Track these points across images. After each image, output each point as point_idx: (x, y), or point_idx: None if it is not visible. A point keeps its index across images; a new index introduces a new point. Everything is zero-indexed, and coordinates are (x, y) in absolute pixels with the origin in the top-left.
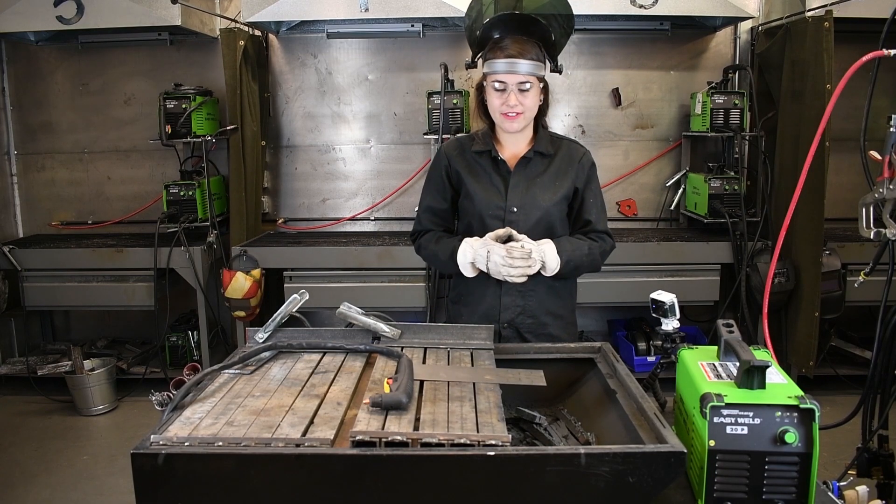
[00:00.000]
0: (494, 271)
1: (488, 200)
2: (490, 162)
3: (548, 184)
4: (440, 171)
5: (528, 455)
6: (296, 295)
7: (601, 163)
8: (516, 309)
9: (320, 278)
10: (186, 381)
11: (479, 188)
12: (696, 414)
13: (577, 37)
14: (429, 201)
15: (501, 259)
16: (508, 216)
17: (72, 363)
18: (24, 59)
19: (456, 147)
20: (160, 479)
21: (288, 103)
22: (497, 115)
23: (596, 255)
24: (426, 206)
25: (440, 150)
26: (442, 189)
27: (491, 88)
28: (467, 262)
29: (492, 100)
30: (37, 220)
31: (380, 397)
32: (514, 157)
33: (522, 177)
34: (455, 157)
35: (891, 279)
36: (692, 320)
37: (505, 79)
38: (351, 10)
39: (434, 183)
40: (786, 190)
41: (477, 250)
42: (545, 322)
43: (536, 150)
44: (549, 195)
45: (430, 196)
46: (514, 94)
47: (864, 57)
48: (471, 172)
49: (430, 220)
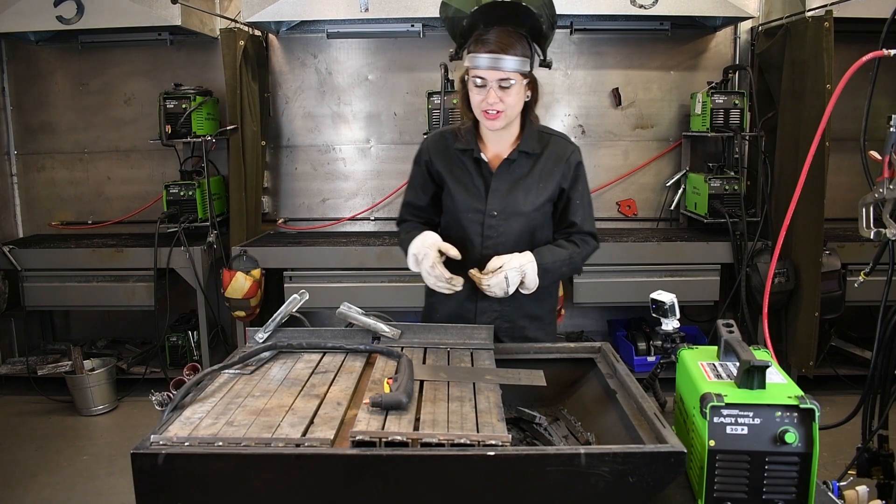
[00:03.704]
0: (423, 275)
1: (467, 203)
2: (472, 162)
3: (531, 186)
4: (421, 168)
5: (528, 455)
6: (296, 295)
7: (601, 163)
8: (493, 314)
9: (320, 278)
10: (186, 381)
11: (459, 189)
12: (696, 414)
13: (577, 37)
14: (409, 197)
15: (429, 268)
16: (488, 220)
17: (72, 363)
18: (24, 59)
19: (438, 142)
20: (160, 479)
21: (288, 103)
22: (478, 112)
23: (577, 261)
24: (406, 202)
25: (423, 145)
26: (423, 185)
27: (472, 84)
28: (412, 253)
29: (473, 96)
30: (37, 220)
31: (380, 397)
32: (498, 157)
33: (505, 180)
34: (436, 154)
35: (891, 279)
36: (692, 320)
37: (485, 75)
38: (351, 10)
39: (415, 178)
40: (786, 190)
41: (421, 248)
42: (522, 325)
43: (521, 150)
44: (532, 199)
45: (411, 191)
46: (495, 91)
47: (864, 57)
48: (452, 171)
49: (411, 214)
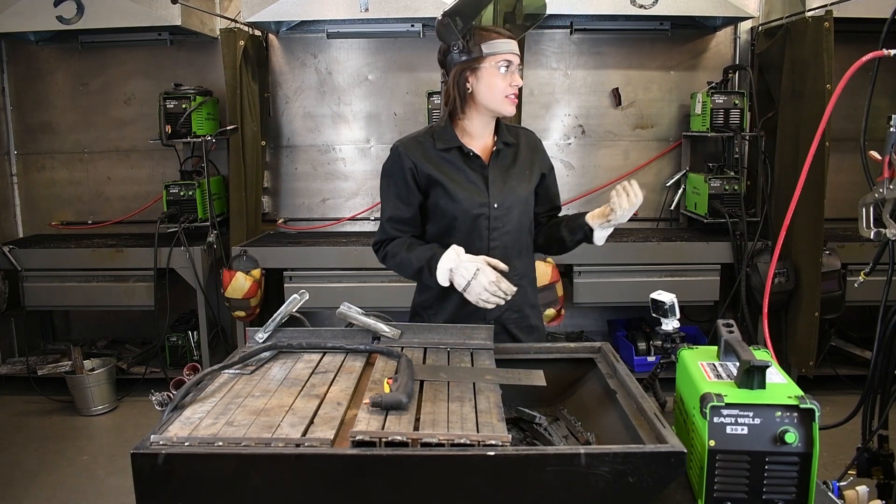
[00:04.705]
0: (472, 290)
1: (472, 199)
2: (461, 158)
3: (520, 174)
4: (404, 176)
5: (528, 455)
6: (296, 295)
7: (601, 163)
8: (503, 305)
9: (320, 278)
10: (186, 381)
11: (457, 188)
12: (696, 414)
13: (577, 37)
14: (390, 211)
15: (489, 284)
16: (493, 212)
17: (72, 363)
18: (24, 59)
19: (416, 148)
20: (160, 479)
21: (288, 103)
22: (499, 98)
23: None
24: (389, 216)
25: (398, 153)
26: (406, 196)
27: (494, 70)
28: (446, 268)
29: (496, 82)
30: (37, 220)
31: (380, 397)
32: (484, 150)
33: (498, 170)
34: (420, 159)
35: (891, 279)
36: (692, 320)
37: (512, 58)
38: (351, 10)
39: (395, 191)
40: (786, 190)
41: (463, 263)
42: (527, 314)
43: (504, 140)
44: (525, 185)
45: (392, 204)
46: (517, 73)
47: (864, 57)
48: (443, 172)
49: (396, 229)
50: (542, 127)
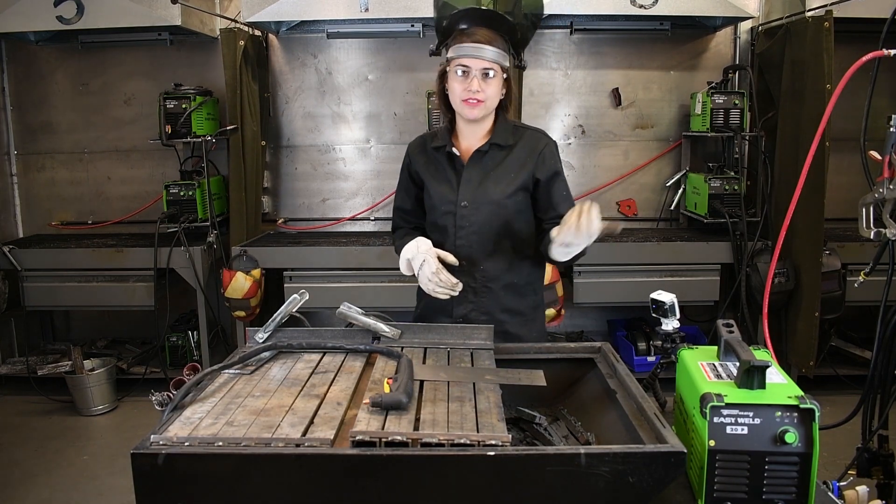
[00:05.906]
0: (420, 279)
1: (443, 196)
2: (445, 157)
3: (502, 176)
4: (405, 171)
5: (528, 455)
6: (296, 295)
7: (601, 163)
8: (469, 305)
9: (320, 278)
10: (186, 381)
11: (434, 184)
12: (696, 414)
13: (577, 37)
14: (398, 201)
15: (431, 275)
16: (459, 210)
17: (72, 363)
18: (24, 59)
19: (419, 145)
20: (160, 479)
21: (288, 103)
22: (458, 101)
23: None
24: (396, 206)
25: (407, 148)
26: (407, 188)
27: (453, 73)
28: (405, 258)
29: (454, 86)
30: (37, 220)
31: (380, 397)
32: (470, 150)
33: (476, 171)
34: (417, 155)
35: (891, 279)
36: (692, 320)
37: (469, 63)
38: (351, 10)
39: (401, 183)
40: (786, 190)
41: (418, 253)
42: (501, 319)
43: (493, 142)
44: (503, 187)
45: (399, 196)
46: (477, 79)
47: (864, 57)
48: (429, 169)
49: (401, 218)
50: (542, 127)
